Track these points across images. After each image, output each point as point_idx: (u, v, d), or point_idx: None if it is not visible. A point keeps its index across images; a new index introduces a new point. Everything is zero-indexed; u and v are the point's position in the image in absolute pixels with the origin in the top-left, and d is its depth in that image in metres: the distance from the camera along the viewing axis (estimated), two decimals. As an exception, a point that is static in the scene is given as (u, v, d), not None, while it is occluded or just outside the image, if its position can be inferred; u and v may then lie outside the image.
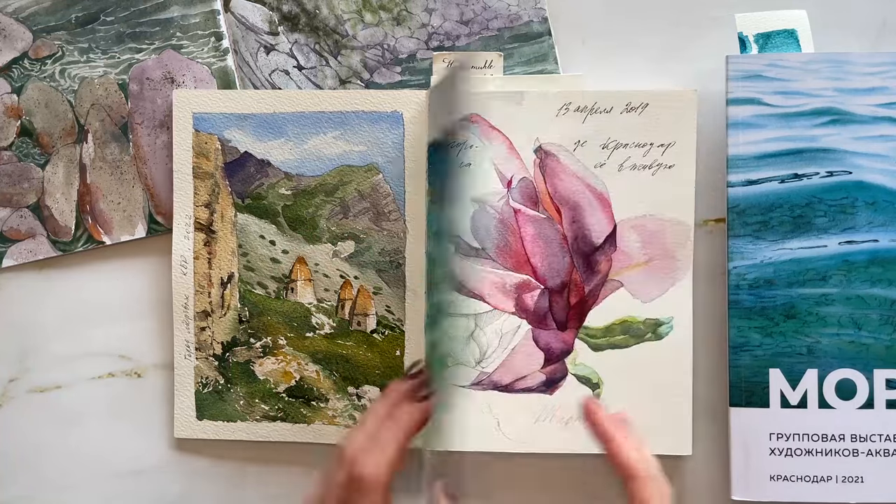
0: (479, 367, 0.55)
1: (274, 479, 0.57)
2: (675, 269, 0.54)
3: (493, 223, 0.55)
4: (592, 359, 0.55)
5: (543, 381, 0.55)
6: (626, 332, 0.54)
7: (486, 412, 0.55)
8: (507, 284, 0.55)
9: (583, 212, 0.54)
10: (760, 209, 0.52)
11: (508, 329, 0.55)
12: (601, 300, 0.55)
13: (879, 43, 0.56)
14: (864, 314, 0.52)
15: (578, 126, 0.54)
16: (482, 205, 0.55)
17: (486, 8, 0.58)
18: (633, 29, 0.57)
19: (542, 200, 0.55)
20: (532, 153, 0.55)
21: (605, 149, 0.54)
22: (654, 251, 0.54)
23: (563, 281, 0.55)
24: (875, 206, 0.52)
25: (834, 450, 0.52)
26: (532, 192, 0.55)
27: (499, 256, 0.55)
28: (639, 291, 0.54)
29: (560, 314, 0.55)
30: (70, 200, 0.57)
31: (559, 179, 0.55)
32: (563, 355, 0.55)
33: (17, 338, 0.58)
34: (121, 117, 0.57)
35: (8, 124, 0.57)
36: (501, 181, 0.55)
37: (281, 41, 0.58)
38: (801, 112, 0.52)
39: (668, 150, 0.54)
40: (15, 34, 0.57)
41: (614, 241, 0.54)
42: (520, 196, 0.55)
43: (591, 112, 0.54)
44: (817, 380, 0.52)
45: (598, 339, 0.55)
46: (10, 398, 0.58)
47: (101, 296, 0.58)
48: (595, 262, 0.54)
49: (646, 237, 0.54)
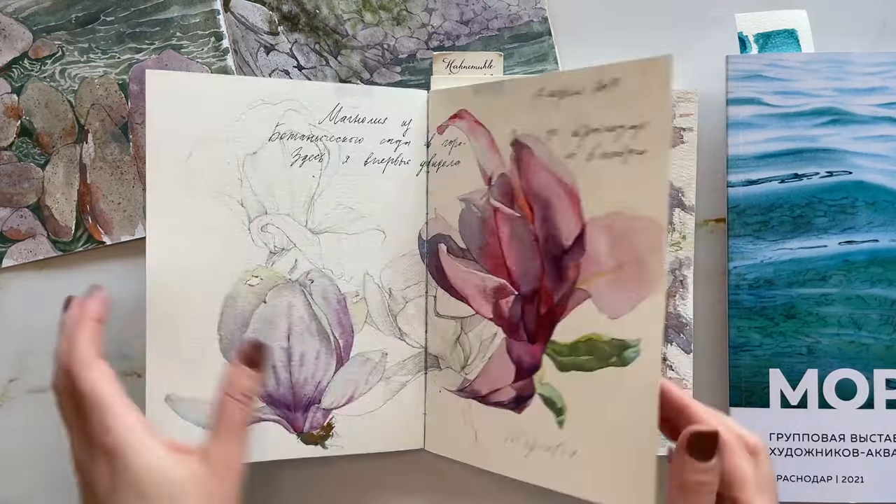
0: (464, 372, 0.55)
1: (279, 479, 0.57)
2: (645, 280, 0.44)
3: (476, 223, 0.54)
4: (558, 379, 0.49)
5: (514, 396, 0.52)
6: (591, 353, 0.47)
7: (466, 422, 0.54)
8: (488, 288, 0.54)
9: (553, 209, 0.49)
10: (760, 209, 0.52)
11: (487, 336, 0.54)
12: (569, 311, 0.48)
13: (879, 43, 0.56)
14: (864, 314, 0.52)
15: (552, 113, 0.49)
16: (468, 204, 0.55)
17: (486, 8, 0.58)
18: (633, 29, 0.57)
19: (517, 197, 0.51)
20: (509, 146, 0.51)
21: (576, 136, 0.47)
22: (624, 257, 0.46)
23: (535, 287, 0.51)
24: (875, 206, 0.52)
25: (834, 450, 0.52)
26: (509, 188, 0.51)
27: (481, 258, 0.54)
28: (606, 305, 0.46)
29: (531, 324, 0.50)
30: (70, 200, 0.57)
31: (532, 174, 0.50)
32: (531, 371, 0.51)
33: (17, 338, 0.58)
34: (121, 117, 0.57)
35: (8, 124, 0.57)
36: (483, 178, 0.53)
37: (281, 41, 0.58)
38: (801, 112, 0.52)
39: (640, 133, 0.44)
40: (15, 34, 0.57)
41: (583, 244, 0.47)
42: (498, 193, 0.52)
43: (564, 95, 0.48)
44: (817, 380, 0.52)
45: (563, 357, 0.49)
46: (10, 398, 0.58)
47: (101, 296, 0.58)
48: (563, 267, 0.49)
49: (614, 239, 0.46)
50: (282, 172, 0.54)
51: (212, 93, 0.52)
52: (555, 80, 0.49)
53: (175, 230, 0.52)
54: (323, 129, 0.54)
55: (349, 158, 0.55)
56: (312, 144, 0.54)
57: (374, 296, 0.56)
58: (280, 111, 0.54)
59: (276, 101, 0.53)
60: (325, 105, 0.54)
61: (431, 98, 0.56)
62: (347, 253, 0.55)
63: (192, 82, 0.53)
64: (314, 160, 0.54)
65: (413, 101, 0.56)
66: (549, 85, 0.49)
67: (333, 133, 0.55)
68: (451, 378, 0.55)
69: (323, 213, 0.55)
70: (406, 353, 0.56)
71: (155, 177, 0.52)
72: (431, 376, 0.56)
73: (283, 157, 0.54)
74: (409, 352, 0.56)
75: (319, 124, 0.54)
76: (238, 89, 0.53)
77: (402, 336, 0.56)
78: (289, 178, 0.54)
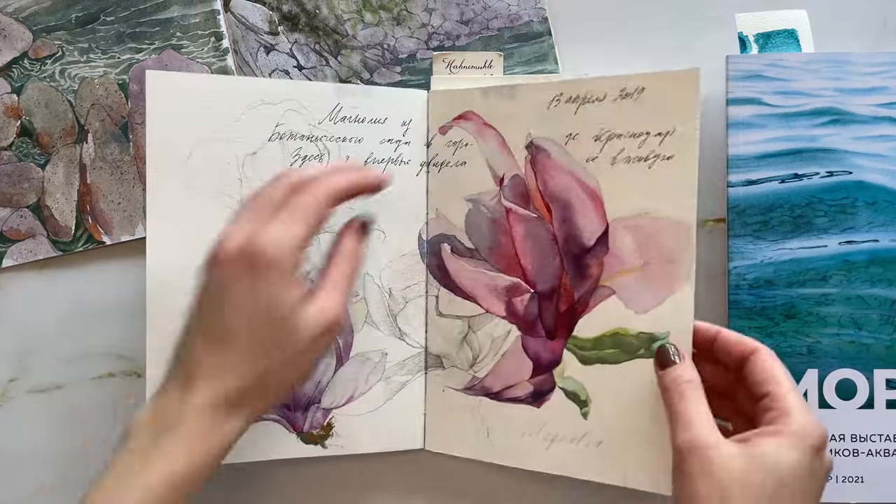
0: (472, 371, 0.55)
1: (278, 479, 0.57)
2: (674, 277, 0.48)
3: (486, 223, 0.55)
4: (581, 373, 0.51)
5: (531, 391, 0.53)
6: (616, 346, 0.50)
7: (477, 420, 0.55)
8: (499, 287, 0.54)
9: (573, 210, 0.51)
10: (760, 209, 0.52)
11: (499, 334, 0.54)
12: (591, 308, 0.51)
13: (879, 43, 0.56)
14: (865, 314, 0.52)
15: (570, 118, 0.51)
16: (476, 204, 0.55)
17: (486, 8, 0.58)
18: (633, 29, 0.57)
19: (534, 199, 0.53)
20: (524, 149, 0.53)
21: (598, 140, 0.50)
22: (650, 255, 0.49)
23: (553, 286, 0.52)
24: (875, 206, 0.52)
25: (834, 450, 0.52)
26: (524, 189, 0.53)
27: (491, 257, 0.54)
28: (632, 300, 0.49)
29: (549, 321, 0.52)
30: (70, 200, 0.57)
31: (549, 176, 0.52)
32: (551, 366, 0.52)
33: (17, 338, 0.58)
34: (121, 117, 0.57)
35: (8, 124, 0.57)
36: (494, 179, 0.54)
37: (281, 41, 0.58)
38: (801, 112, 0.52)
39: (667, 139, 0.48)
40: (15, 34, 0.57)
41: (606, 243, 0.50)
42: (511, 194, 0.53)
43: (584, 102, 0.50)
44: (817, 380, 0.52)
45: (586, 352, 0.51)
46: (9, 398, 0.58)
47: (101, 296, 0.58)
48: (585, 265, 0.51)
49: (641, 239, 0.49)
50: None
51: (211, 93, 0.52)
52: (573, 87, 0.51)
53: (175, 230, 0.52)
54: (323, 130, 0.54)
55: (349, 159, 0.55)
56: (312, 144, 0.54)
57: (373, 296, 0.56)
58: (280, 111, 0.54)
59: (275, 102, 0.53)
60: (324, 105, 0.54)
61: (432, 98, 0.56)
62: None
63: (191, 83, 0.53)
64: (314, 160, 0.54)
65: (413, 101, 0.56)
66: (567, 91, 0.51)
67: (333, 133, 0.55)
68: (458, 377, 0.55)
69: None
70: (406, 353, 0.56)
71: (155, 177, 0.52)
72: (433, 376, 0.56)
73: (283, 158, 0.54)
74: (409, 352, 0.56)
75: (319, 124, 0.54)
76: (238, 89, 0.53)
77: (402, 336, 0.56)
78: None
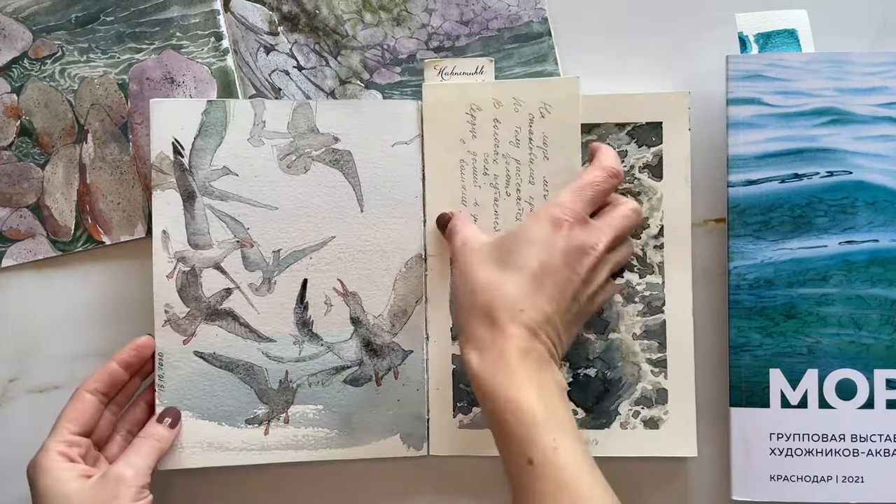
0: None
1: (273, 482, 0.57)
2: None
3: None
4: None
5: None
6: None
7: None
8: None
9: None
10: (761, 209, 0.52)
11: None
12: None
13: (879, 43, 0.56)
14: (865, 314, 0.52)
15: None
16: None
17: (486, 8, 0.58)
18: (633, 29, 0.57)
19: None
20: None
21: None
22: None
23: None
24: (875, 206, 0.52)
25: (834, 450, 0.52)
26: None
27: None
28: None
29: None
30: (70, 200, 0.57)
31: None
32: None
33: (17, 338, 0.58)
34: (121, 117, 0.57)
35: (8, 124, 0.57)
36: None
37: (281, 41, 0.58)
38: (801, 112, 0.52)
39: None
40: (15, 34, 0.57)
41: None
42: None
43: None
44: (817, 380, 0.52)
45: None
46: (9, 398, 0.58)
47: (101, 296, 0.58)
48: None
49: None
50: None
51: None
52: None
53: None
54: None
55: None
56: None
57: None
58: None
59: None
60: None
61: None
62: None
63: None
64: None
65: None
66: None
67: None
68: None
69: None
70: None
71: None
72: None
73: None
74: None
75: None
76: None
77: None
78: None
